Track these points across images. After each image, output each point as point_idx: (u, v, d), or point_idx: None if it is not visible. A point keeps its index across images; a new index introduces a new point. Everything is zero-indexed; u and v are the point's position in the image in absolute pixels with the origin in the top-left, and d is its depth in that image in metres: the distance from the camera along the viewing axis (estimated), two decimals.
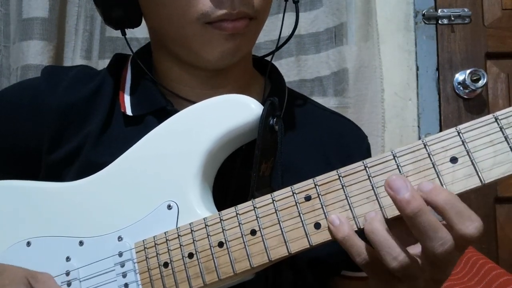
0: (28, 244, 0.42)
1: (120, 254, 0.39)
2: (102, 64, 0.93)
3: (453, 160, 0.32)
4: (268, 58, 0.53)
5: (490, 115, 0.32)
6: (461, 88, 0.95)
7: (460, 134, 0.32)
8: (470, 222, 0.30)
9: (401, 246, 0.31)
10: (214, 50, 0.43)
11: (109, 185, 0.42)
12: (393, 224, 0.32)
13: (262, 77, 0.53)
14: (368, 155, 0.53)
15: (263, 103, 0.39)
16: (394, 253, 0.31)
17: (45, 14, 0.89)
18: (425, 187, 0.31)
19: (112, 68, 0.50)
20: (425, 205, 0.30)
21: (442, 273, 0.33)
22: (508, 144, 0.31)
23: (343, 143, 0.51)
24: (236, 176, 0.44)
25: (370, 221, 0.32)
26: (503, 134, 0.31)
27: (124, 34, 0.50)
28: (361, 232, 0.34)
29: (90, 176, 0.43)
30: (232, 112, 0.39)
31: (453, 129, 0.33)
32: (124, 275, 0.39)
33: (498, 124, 0.32)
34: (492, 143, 0.32)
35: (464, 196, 0.32)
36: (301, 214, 0.34)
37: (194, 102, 0.46)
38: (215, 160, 0.41)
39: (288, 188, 0.35)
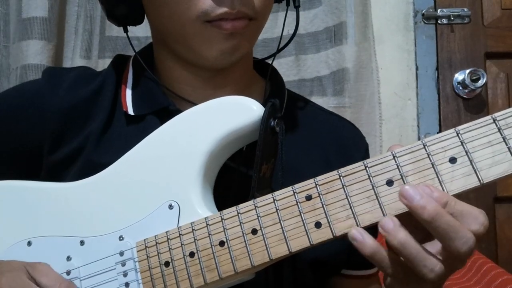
0: (29, 243, 0.43)
1: (121, 253, 0.40)
2: (102, 63, 0.93)
3: (452, 160, 0.33)
4: (269, 60, 0.53)
5: (489, 116, 0.32)
6: (460, 87, 0.95)
7: (459, 134, 0.33)
8: (473, 220, 0.30)
9: (435, 256, 0.31)
10: (213, 49, 0.43)
11: (110, 185, 0.42)
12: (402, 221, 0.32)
13: (262, 79, 0.53)
14: (367, 155, 0.54)
15: (263, 105, 0.40)
16: (430, 265, 0.30)
17: (45, 14, 0.89)
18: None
19: (113, 68, 0.51)
20: (440, 207, 0.30)
21: (461, 263, 0.33)
22: (506, 144, 0.32)
23: (342, 143, 0.52)
24: (236, 176, 0.44)
25: (394, 233, 0.30)
26: (501, 135, 0.32)
27: (126, 31, 0.50)
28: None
29: (92, 176, 0.43)
30: (234, 114, 0.39)
31: (452, 130, 0.33)
32: (125, 274, 0.39)
33: (496, 125, 0.32)
34: (490, 144, 0.32)
35: (463, 196, 0.32)
36: (301, 213, 0.35)
37: (195, 102, 0.46)
38: (216, 161, 0.41)
39: (289, 188, 0.36)
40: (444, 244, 0.31)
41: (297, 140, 0.49)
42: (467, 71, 0.93)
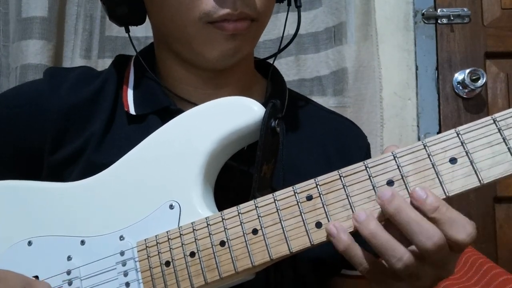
0: (29, 243, 0.43)
1: (122, 253, 0.40)
2: (101, 63, 0.93)
3: (453, 160, 0.33)
4: (270, 61, 0.54)
5: (489, 117, 0.33)
6: (460, 87, 0.95)
7: (459, 135, 0.33)
8: (461, 229, 0.31)
9: (403, 246, 0.32)
10: (215, 50, 0.43)
11: (111, 185, 0.42)
12: (388, 225, 0.33)
13: (263, 78, 0.53)
14: (368, 154, 0.54)
15: (264, 105, 0.40)
16: (398, 254, 0.31)
17: (45, 14, 0.89)
18: (417, 195, 0.32)
19: (114, 68, 0.51)
20: (405, 202, 0.31)
21: (442, 270, 0.33)
22: (506, 145, 0.32)
23: (343, 143, 0.52)
24: (237, 177, 0.44)
25: (365, 224, 0.32)
26: (501, 135, 0.32)
27: (128, 31, 0.50)
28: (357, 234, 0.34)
29: (93, 176, 0.43)
30: (235, 114, 0.39)
31: (452, 131, 0.33)
32: (125, 273, 0.39)
33: (496, 126, 0.32)
34: (490, 144, 0.32)
35: (463, 196, 0.32)
36: (302, 213, 0.35)
37: (196, 102, 0.46)
38: (217, 161, 0.41)
39: (290, 188, 0.36)
40: (410, 239, 0.31)
41: (298, 139, 0.49)
42: (467, 71, 0.93)
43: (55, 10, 0.90)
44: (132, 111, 0.47)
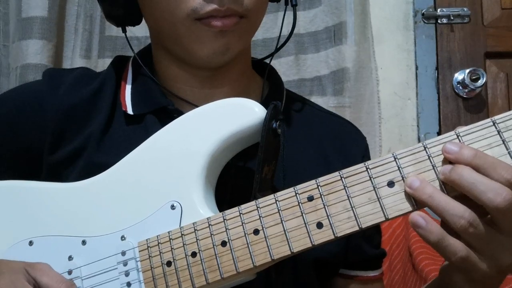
0: (31, 243, 0.43)
1: (123, 253, 0.40)
2: (101, 63, 0.94)
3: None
4: (267, 60, 0.54)
5: (488, 119, 0.33)
6: (460, 87, 0.96)
7: (459, 137, 0.33)
8: (504, 169, 0.31)
9: (464, 206, 0.31)
10: (204, 47, 0.43)
11: (113, 186, 0.42)
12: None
13: (260, 78, 0.53)
14: (367, 155, 0.54)
15: (262, 104, 0.40)
16: (459, 212, 0.31)
17: (45, 13, 0.89)
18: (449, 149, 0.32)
19: (113, 69, 0.51)
20: (465, 166, 0.31)
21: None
22: (506, 147, 0.32)
23: (341, 143, 0.52)
24: (238, 177, 0.44)
25: (421, 188, 0.32)
26: (501, 137, 0.32)
27: (124, 31, 0.50)
28: (360, 233, 0.34)
29: (94, 177, 0.43)
30: (236, 115, 0.40)
31: (452, 132, 0.33)
32: (126, 273, 0.39)
33: (496, 128, 0.32)
34: (490, 146, 0.32)
35: None
36: (303, 214, 0.35)
37: (193, 102, 0.46)
38: (218, 162, 0.41)
39: (291, 189, 0.36)
40: (479, 201, 0.31)
41: (296, 140, 0.49)
42: (467, 70, 0.93)
43: (55, 10, 0.90)
44: (129, 111, 0.47)
